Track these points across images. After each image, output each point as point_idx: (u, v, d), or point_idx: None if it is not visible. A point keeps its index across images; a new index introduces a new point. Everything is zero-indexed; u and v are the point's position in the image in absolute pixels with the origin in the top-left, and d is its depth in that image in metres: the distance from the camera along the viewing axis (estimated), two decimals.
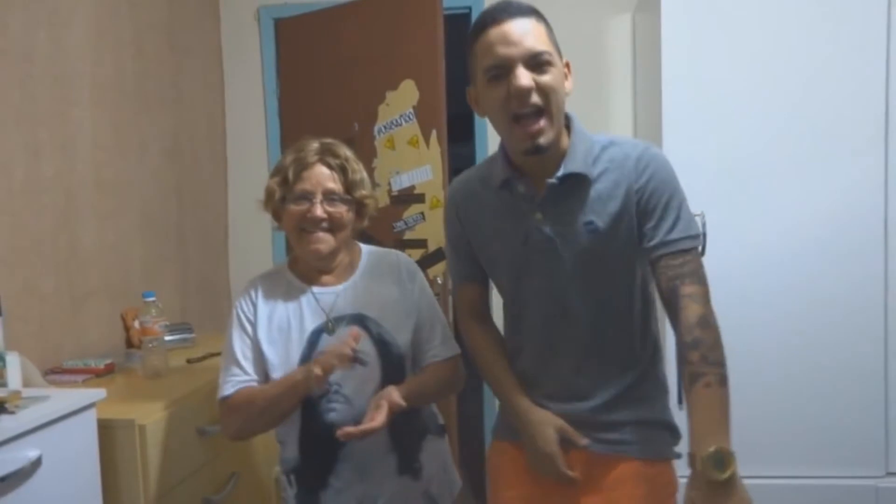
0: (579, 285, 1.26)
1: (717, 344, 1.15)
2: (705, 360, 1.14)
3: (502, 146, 1.30)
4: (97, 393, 1.48)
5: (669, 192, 1.22)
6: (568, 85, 1.23)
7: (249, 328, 1.44)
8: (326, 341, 1.41)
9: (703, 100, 2.35)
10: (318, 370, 1.32)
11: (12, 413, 1.30)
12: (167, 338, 2.02)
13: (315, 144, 1.45)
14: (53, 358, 1.95)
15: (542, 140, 1.18)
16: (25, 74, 1.90)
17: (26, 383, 1.54)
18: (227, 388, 1.41)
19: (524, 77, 1.15)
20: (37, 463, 1.28)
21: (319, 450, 1.42)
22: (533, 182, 1.26)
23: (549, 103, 1.17)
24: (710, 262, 2.26)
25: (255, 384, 1.41)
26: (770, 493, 2.33)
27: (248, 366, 1.42)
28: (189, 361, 2.06)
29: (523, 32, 1.16)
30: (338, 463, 1.41)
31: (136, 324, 2.01)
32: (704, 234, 2.31)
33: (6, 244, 1.82)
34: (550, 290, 1.28)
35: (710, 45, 2.34)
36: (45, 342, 1.94)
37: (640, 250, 1.24)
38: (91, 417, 1.45)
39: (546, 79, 1.17)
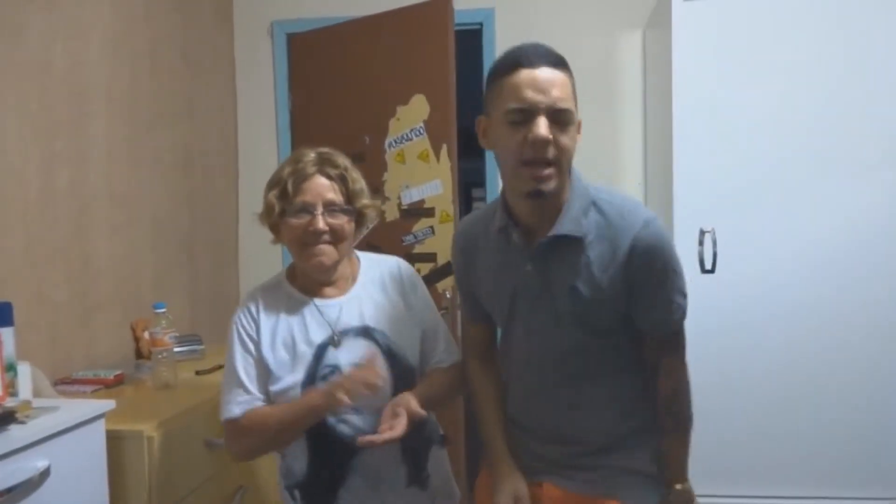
0: (561, 340, 1.27)
1: (684, 408, 1.30)
2: (675, 423, 1.30)
3: (503, 192, 1.30)
4: (106, 404, 1.48)
5: (663, 274, 1.22)
6: (578, 141, 1.23)
7: (251, 345, 1.41)
8: (333, 355, 1.39)
9: (714, 115, 2.35)
10: (344, 397, 1.26)
11: (22, 423, 1.30)
12: (176, 349, 2.02)
13: (312, 155, 1.42)
14: (64, 368, 1.96)
15: (546, 187, 1.17)
16: (42, 87, 1.93)
17: (36, 393, 1.55)
18: (234, 410, 1.37)
19: (545, 128, 1.14)
20: (45, 473, 1.28)
21: (330, 463, 1.40)
22: (527, 233, 1.26)
23: (560, 160, 1.17)
24: (720, 279, 2.28)
25: (260, 403, 1.39)
26: None
27: (252, 385, 1.39)
28: (198, 373, 2.06)
29: (553, 83, 1.16)
30: (349, 476, 1.39)
31: (146, 335, 2.02)
32: (715, 253, 2.30)
33: (20, 254, 1.84)
34: (534, 340, 1.30)
35: (721, 62, 2.34)
36: (56, 352, 1.95)
37: (627, 318, 1.25)
38: (100, 428, 1.45)
39: (564, 139, 1.16)
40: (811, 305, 2.31)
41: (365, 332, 1.42)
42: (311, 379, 1.38)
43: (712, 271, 2.30)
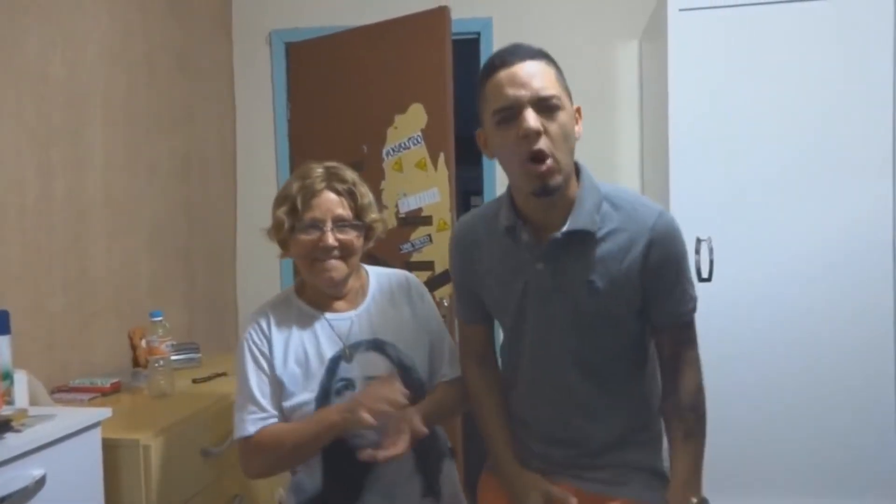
0: (574, 339, 1.27)
1: (705, 406, 1.29)
2: (699, 422, 1.27)
3: (509, 190, 1.30)
4: (102, 412, 1.48)
5: (679, 265, 1.24)
6: (578, 130, 1.22)
7: (265, 363, 1.40)
8: (346, 369, 1.39)
9: (710, 126, 2.36)
10: (367, 416, 1.25)
11: (18, 431, 1.29)
12: (173, 358, 2.02)
13: (320, 170, 1.41)
14: (61, 376, 1.95)
15: (552, 182, 1.17)
16: (40, 95, 1.94)
17: (33, 401, 1.54)
18: (249, 428, 1.35)
19: (532, 119, 1.14)
20: (41, 482, 1.28)
21: (345, 479, 1.39)
22: (537, 231, 1.25)
23: (556, 150, 1.16)
24: (716, 288, 2.29)
25: (275, 420, 1.37)
26: None
27: (266, 403, 1.37)
28: (195, 382, 2.06)
29: (532, 75, 1.16)
30: (364, 491, 1.38)
31: (143, 343, 2.01)
32: (711, 261, 2.31)
33: (17, 262, 1.84)
34: (545, 341, 1.29)
35: (716, 72, 2.36)
36: (52, 360, 1.94)
37: (641, 312, 1.26)
38: (96, 437, 1.45)
39: (554, 126, 1.16)
40: (808, 313, 2.32)
41: (376, 346, 1.42)
42: (325, 393, 1.37)
43: (709, 280, 2.30)
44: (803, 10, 2.31)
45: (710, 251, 2.31)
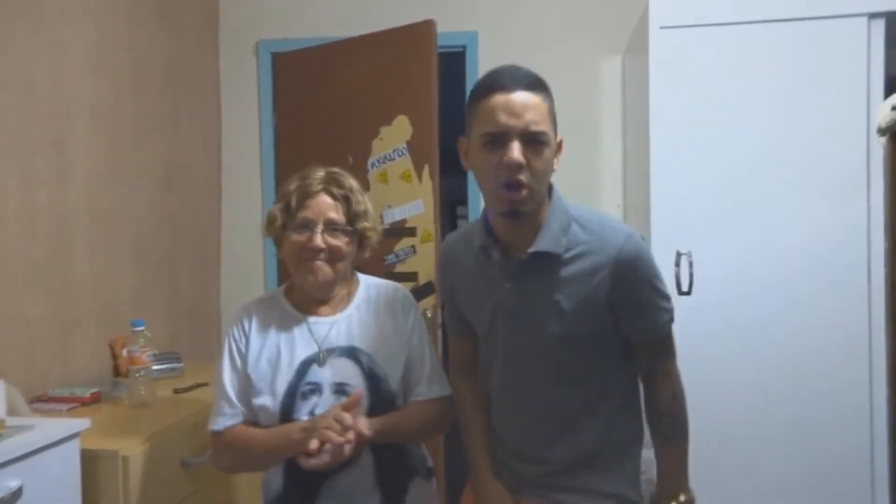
0: (542, 356, 1.29)
1: (684, 412, 1.33)
2: (676, 427, 1.33)
3: (485, 211, 1.33)
4: (81, 423, 1.47)
5: (649, 284, 1.27)
6: (556, 162, 1.25)
7: (239, 361, 1.43)
8: (316, 372, 1.40)
9: (690, 140, 2.40)
10: (313, 443, 1.27)
11: None
12: (155, 367, 2.01)
13: (321, 173, 1.45)
14: (40, 385, 1.94)
15: (523, 208, 1.21)
16: (24, 103, 1.93)
17: (11, 411, 1.53)
18: (219, 423, 1.40)
19: (517, 152, 1.17)
20: (17, 493, 1.27)
21: (303, 482, 1.40)
22: (507, 251, 1.29)
23: (534, 183, 1.20)
24: (696, 299, 2.31)
25: (241, 419, 1.41)
26: None
27: (236, 400, 1.42)
28: (176, 392, 2.05)
29: (527, 107, 1.18)
30: (320, 497, 1.40)
31: (124, 353, 2.00)
32: (691, 275, 2.34)
33: None
34: (515, 356, 1.32)
35: (697, 88, 2.40)
36: (31, 369, 1.93)
37: (612, 331, 1.28)
38: (74, 448, 1.44)
39: (538, 162, 1.19)
40: (783, 324, 2.35)
41: (350, 353, 1.43)
42: (291, 395, 1.39)
43: (689, 293, 2.33)
44: (781, 29, 2.35)
45: (690, 265, 2.33)
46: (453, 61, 3.07)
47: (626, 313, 1.27)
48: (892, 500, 1.79)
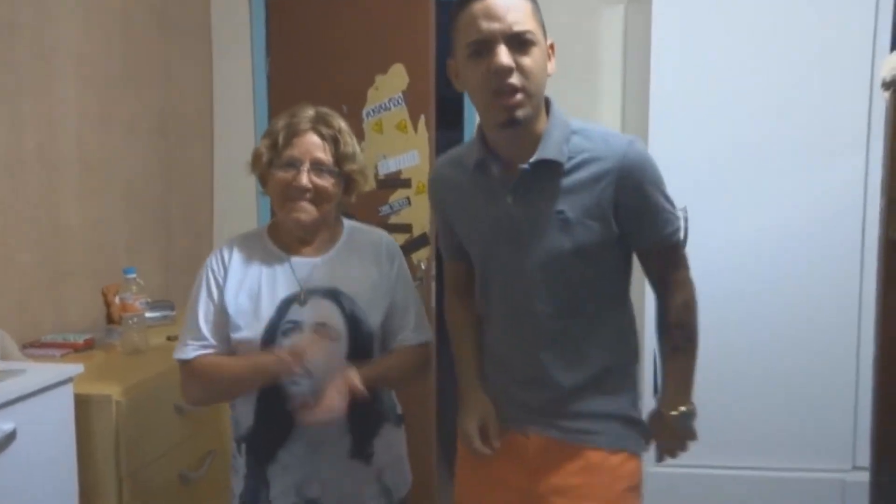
0: (545, 272, 1.25)
1: (695, 322, 1.31)
2: (686, 337, 1.30)
3: (479, 127, 1.29)
4: (74, 368, 1.48)
5: (656, 189, 1.23)
6: (551, 66, 1.21)
7: (216, 293, 1.41)
8: (297, 311, 1.39)
9: (691, 95, 2.37)
10: (296, 368, 1.29)
11: None
12: (148, 315, 2.02)
13: (310, 112, 1.42)
14: (32, 332, 1.94)
15: (519, 113, 1.16)
16: (7, 46, 1.88)
17: (4, 356, 1.55)
18: (188, 352, 1.39)
19: (504, 56, 1.13)
20: (11, 436, 1.29)
21: (275, 422, 1.40)
22: (507, 165, 1.25)
23: (528, 84, 1.16)
24: (690, 257, 2.31)
25: (212, 351, 1.40)
26: (738, 484, 2.39)
27: (208, 331, 1.40)
28: (169, 339, 2.06)
29: (507, 8, 1.14)
30: (290, 438, 1.39)
31: (117, 300, 2.01)
32: (686, 229, 2.33)
33: None
34: (516, 275, 1.28)
35: (700, 42, 2.35)
36: (24, 316, 1.93)
37: (617, 243, 1.25)
38: (68, 392, 1.45)
39: (527, 61, 1.15)
40: (777, 284, 2.37)
41: (331, 294, 1.41)
42: (272, 332, 1.38)
43: (683, 247, 2.33)
44: None
45: (686, 220, 2.33)
46: (451, 9, 2.99)
47: (634, 219, 1.23)
48: (872, 451, 1.83)
